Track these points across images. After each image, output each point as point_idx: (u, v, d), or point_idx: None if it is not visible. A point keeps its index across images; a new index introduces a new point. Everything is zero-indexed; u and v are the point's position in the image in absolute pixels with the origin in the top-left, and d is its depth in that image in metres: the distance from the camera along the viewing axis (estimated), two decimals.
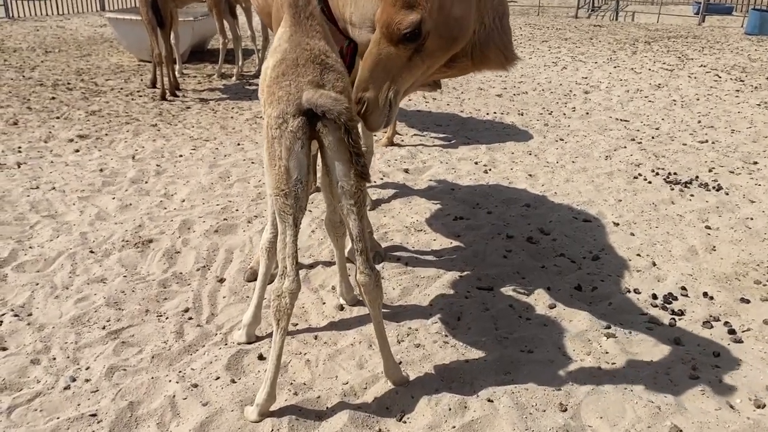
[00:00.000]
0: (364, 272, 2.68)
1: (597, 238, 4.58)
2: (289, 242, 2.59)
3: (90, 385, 2.92)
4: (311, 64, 2.57)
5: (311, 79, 2.54)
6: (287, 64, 2.58)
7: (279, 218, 2.59)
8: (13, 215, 4.65)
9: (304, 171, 2.54)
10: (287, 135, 2.49)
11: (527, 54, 12.16)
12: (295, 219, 2.57)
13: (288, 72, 2.56)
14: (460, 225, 4.74)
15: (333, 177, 2.60)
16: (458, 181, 5.70)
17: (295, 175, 2.53)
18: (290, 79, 2.54)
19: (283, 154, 2.51)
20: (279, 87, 2.54)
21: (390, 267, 4.05)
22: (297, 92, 2.50)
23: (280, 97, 2.52)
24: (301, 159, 2.52)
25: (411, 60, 2.56)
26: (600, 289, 3.88)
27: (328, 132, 2.52)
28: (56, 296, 3.64)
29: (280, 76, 2.57)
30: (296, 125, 2.48)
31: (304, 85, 2.52)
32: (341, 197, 2.61)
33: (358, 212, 2.63)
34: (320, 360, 3.14)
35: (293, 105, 2.49)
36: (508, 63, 2.85)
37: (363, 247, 2.66)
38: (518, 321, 3.54)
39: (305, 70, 2.55)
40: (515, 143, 6.84)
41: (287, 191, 2.54)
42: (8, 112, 7.41)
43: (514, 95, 9.04)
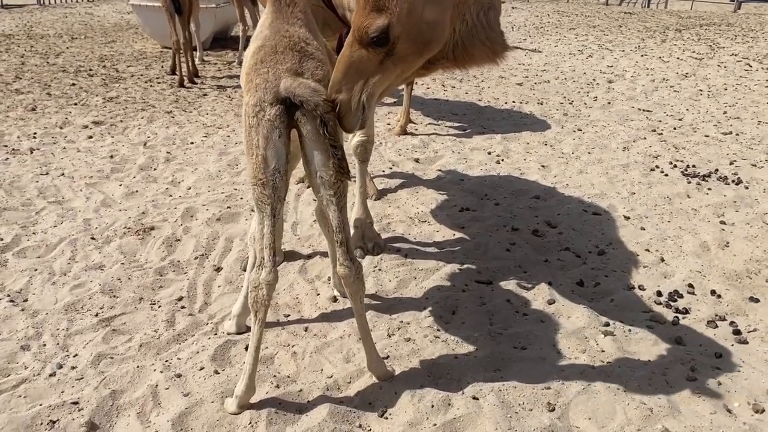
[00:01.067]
0: (344, 264, 2.62)
1: (605, 232, 4.45)
2: (267, 233, 2.54)
3: (75, 373, 2.92)
4: (290, 51, 2.51)
5: (290, 67, 2.48)
6: (266, 51, 2.53)
7: (257, 208, 2.55)
8: (21, 201, 4.69)
9: (282, 160, 2.49)
10: (264, 123, 2.44)
11: (553, 42, 11.93)
12: (273, 209, 2.53)
13: (266, 59, 2.51)
14: (466, 216, 4.66)
15: (312, 167, 2.54)
16: (469, 171, 5.60)
17: (273, 165, 2.48)
18: (268, 67, 2.48)
19: (260, 143, 2.46)
20: (257, 74, 2.49)
21: (389, 258, 3.99)
22: (275, 80, 2.45)
23: (258, 85, 2.47)
24: (278, 148, 2.47)
25: (383, 64, 2.46)
26: (603, 285, 3.77)
27: (307, 121, 2.46)
28: (53, 282, 3.66)
29: (258, 63, 2.52)
30: (273, 114, 2.43)
31: (283, 73, 2.46)
32: (320, 188, 2.56)
33: (338, 203, 2.57)
34: (307, 352, 3.10)
35: (271, 93, 2.44)
36: (497, 57, 2.74)
37: (343, 239, 2.61)
38: (514, 316, 3.46)
39: (284, 58, 2.50)
40: (531, 133, 6.71)
41: (265, 181, 2.49)
42: (28, 98, 7.51)
43: (536, 84, 8.88)
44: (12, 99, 7.46)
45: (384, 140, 6.36)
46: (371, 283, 3.71)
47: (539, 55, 10.78)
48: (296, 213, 4.65)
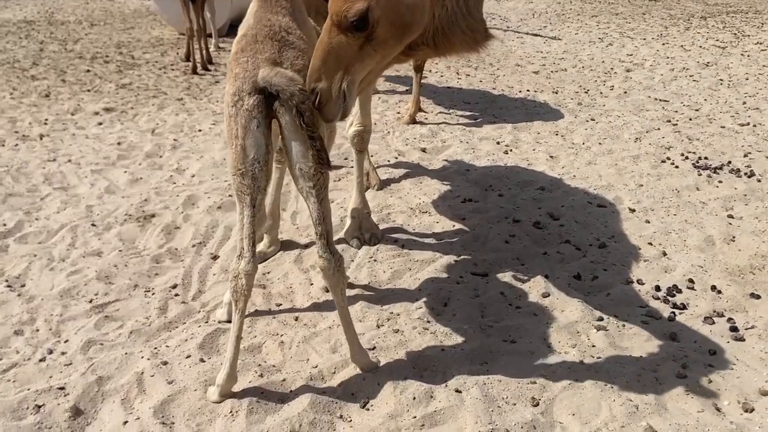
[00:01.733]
0: (323, 257, 2.61)
1: (608, 224, 4.38)
2: (247, 223, 2.54)
3: (65, 359, 2.96)
4: (269, 40, 2.49)
5: (269, 57, 2.47)
6: (247, 40, 2.52)
7: (237, 198, 2.55)
8: (27, 187, 4.76)
9: (261, 150, 2.48)
10: (243, 113, 2.44)
11: (573, 29, 11.74)
12: (253, 199, 2.52)
13: (246, 48, 2.50)
14: (467, 208, 4.61)
15: (291, 158, 2.53)
16: (475, 161, 5.55)
17: (252, 155, 2.47)
18: (248, 56, 2.48)
19: (239, 132, 2.46)
20: (237, 63, 2.48)
21: (385, 249, 3.97)
22: (254, 69, 2.44)
23: (237, 74, 2.46)
24: (258, 138, 2.46)
25: (363, 49, 2.42)
26: (601, 279, 3.72)
27: (285, 111, 2.45)
28: (51, 268, 3.71)
29: (239, 53, 2.51)
30: (252, 104, 2.42)
31: (262, 62, 2.45)
32: (299, 179, 2.55)
33: (318, 195, 2.55)
34: (295, 342, 3.10)
35: (249, 83, 2.43)
36: (477, 45, 2.69)
37: (323, 231, 2.60)
38: (507, 309, 3.42)
39: (263, 47, 2.48)
40: (543, 123, 6.62)
41: (244, 171, 2.48)
42: (43, 85, 7.60)
43: (552, 72, 8.75)
44: (27, 85, 7.56)
45: (392, 129, 6.33)
46: (365, 273, 3.70)
47: (558, 42, 10.63)
48: (297, 202, 4.65)
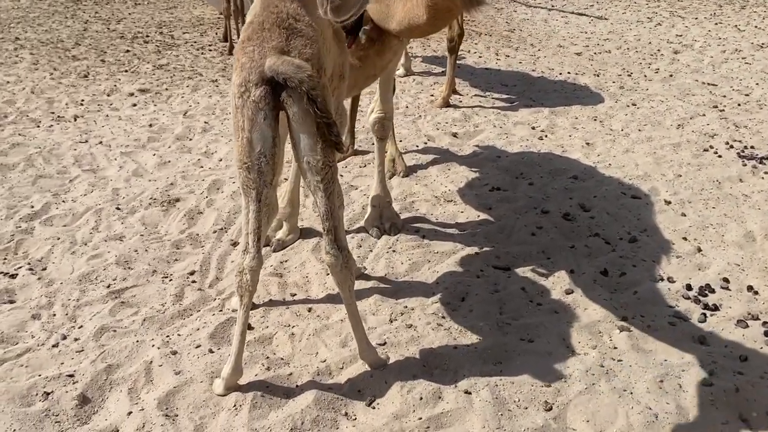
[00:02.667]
0: (331, 253, 2.54)
1: (641, 217, 4.20)
2: (252, 218, 2.49)
3: (77, 345, 2.98)
4: (277, 28, 2.41)
5: (275, 45, 2.38)
6: (253, 28, 2.45)
7: (242, 192, 2.49)
8: (57, 168, 4.82)
9: (268, 144, 2.41)
10: (249, 105, 2.36)
11: (621, 8, 11.32)
12: (259, 194, 2.46)
13: (253, 36, 2.42)
14: (495, 197, 4.48)
15: (299, 151, 2.46)
16: (508, 147, 5.39)
17: (258, 148, 2.40)
18: (254, 45, 2.40)
19: (245, 125, 2.39)
20: (243, 53, 2.41)
21: (405, 240, 3.88)
22: (260, 59, 2.36)
23: (243, 64, 2.39)
24: (264, 131, 2.39)
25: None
26: (629, 276, 3.56)
27: (293, 102, 2.37)
28: (73, 252, 3.74)
29: (245, 41, 2.44)
30: (258, 95, 2.35)
31: (268, 51, 2.37)
32: (307, 173, 2.48)
33: (326, 189, 2.48)
34: (306, 334, 3.05)
35: (256, 73, 2.35)
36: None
37: (330, 226, 2.53)
38: (527, 306, 3.31)
39: (270, 35, 2.40)
40: (582, 107, 6.39)
41: (250, 165, 2.42)
42: (83, 65, 7.69)
43: (595, 54, 8.45)
44: (68, 65, 7.66)
45: (424, 113, 6.20)
46: (383, 265, 3.62)
47: (604, 22, 10.25)
48: None
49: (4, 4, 11.69)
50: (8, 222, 4.02)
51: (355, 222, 4.10)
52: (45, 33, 9.39)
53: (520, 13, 11.10)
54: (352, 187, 4.60)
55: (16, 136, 5.34)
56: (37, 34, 9.32)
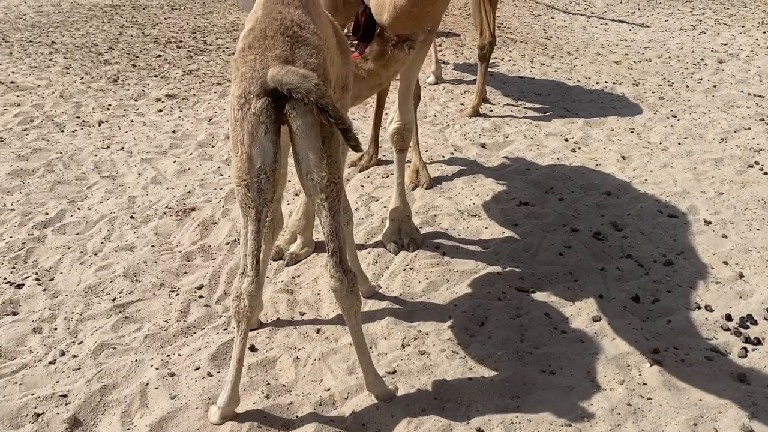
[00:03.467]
0: (335, 276, 2.37)
1: (678, 238, 3.93)
2: (251, 238, 2.33)
3: (74, 362, 2.86)
4: (281, 36, 2.25)
5: (279, 54, 2.22)
6: (254, 36, 2.29)
7: (241, 211, 2.34)
8: (76, 174, 4.75)
9: (269, 159, 2.25)
10: (249, 118, 2.21)
11: (664, 16, 10.95)
12: (258, 213, 2.30)
13: (254, 45, 2.26)
14: (522, 212, 4.26)
15: (302, 167, 2.29)
16: (538, 160, 5.16)
17: (258, 164, 2.25)
18: (256, 53, 2.24)
19: (245, 139, 2.23)
20: (244, 62, 2.25)
21: (424, 257, 3.69)
22: (262, 68, 2.21)
23: (244, 74, 2.23)
24: (265, 146, 2.23)
25: None
26: (662, 302, 3.31)
27: (297, 115, 2.21)
28: (82, 262, 3.65)
29: (245, 49, 2.28)
30: (260, 107, 2.19)
31: (271, 61, 2.21)
32: (311, 190, 2.31)
33: (330, 208, 2.31)
34: (311, 358, 2.89)
35: (257, 83, 2.20)
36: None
37: (335, 248, 2.36)
38: (550, 333, 3.09)
39: (273, 43, 2.24)
40: (618, 118, 6.12)
41: (249, 182, 2.26)
42: (113, 69, 7.69)
43: (635, 63, 8.14)
44: (99, 69, 7.67)
45: (452, 122, 6.00)
46: (398, 283, 3.44)
47: (645, 30, 9.91)
48: None
49: (46, 9, 11.87)
50: (21, 229, 3.96)
51: (373, 236, 3.93)
52: (81, 37, 9.47)
53: (558, 20, 10.82)
54: (373, 198, 4.43)
55: (39, 141, 5.31)
56: (73, 38, 9.40)
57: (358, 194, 4.47)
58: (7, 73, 7.37)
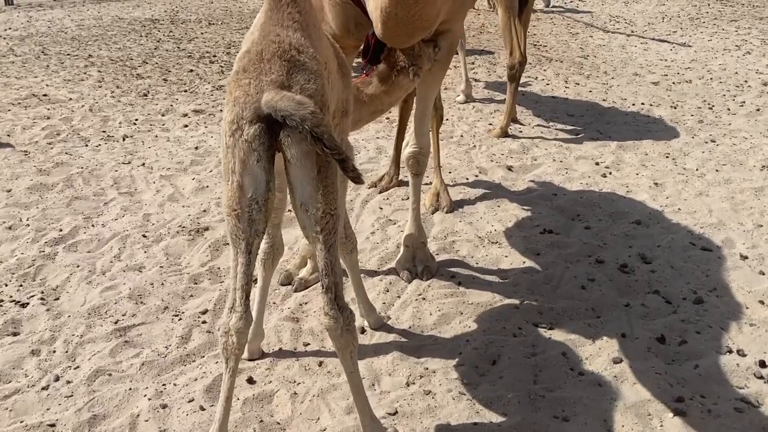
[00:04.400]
0: (329, 314, 2.23)
1: (711, 273, 3.70)
2: (240, 272, 2.20)
3: (67, 389, 2.78)
4: (278, 60, 2.13)
5: (275, 78, 2.11)
6: (250, 58, 2.18)
7: (231, 242, 2.22)
8: (95, 190, 4.73)
9: (261, 189, 2.13)
10: (241, 145, 2.10)
11: (707, 35, 10.62)
12: (249, 245, 2.18)
13: (249, 68, 2.15)
14: (545, 240, 4.07)
15: (297, 198, 2.17)
16: (566, 184, 4.96)
17: (250, 194, 2.13)
18: (251, 77, 2.13)
19: (236, 167, 2.12)
20: (237, 85, 2.15)
21: (437, 286, 3.54)
22: (256, 93, 2.09)
23: (237, 98, 2.12)
24: (257, 174, 2.12)
25: None
26: (690, 344, 3.09)
27: (292, 143, 2.09)
28: (89, 282, 3.59)
29: (240, 72, 2.17)
30: (252, 134, 2.08)
31: (266, 86, 2.10)
32: (305, 222, 2.18)
33: (325, 241, 2.18)
34: (310, 394, 2.75)
35: (250, 109, 2.08)
36: None
37: (330, 284, 2.22)
38: (566, 375, 2.89)
39: (270, 67, 2.13)
40: (653, 142, 5.87)
41: (239, 212, 2.15)
42: (144, 84, 7.73)
43: (674, 84, 7.86)
44: (130, 83, 7.72)
45: (479, 142, 5.84)
46: (408, 315, 3.29)
47: (687, 50, 9.61)
48: (357, 222, 4.30)
49: (88, 23, 12.11)
50: (33, 246, 3.93)
51: (387, 262, 3.79)
52: (117, 51, 9.59)
53: (597, 39, 10.59)
54: (390, 221, 4.29)
55: (62, 155, 5.33)
56: (109, 51, 9.52)
57: (375, 217, 4.34)
58: (42, 86, 7.48)
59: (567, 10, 13.52)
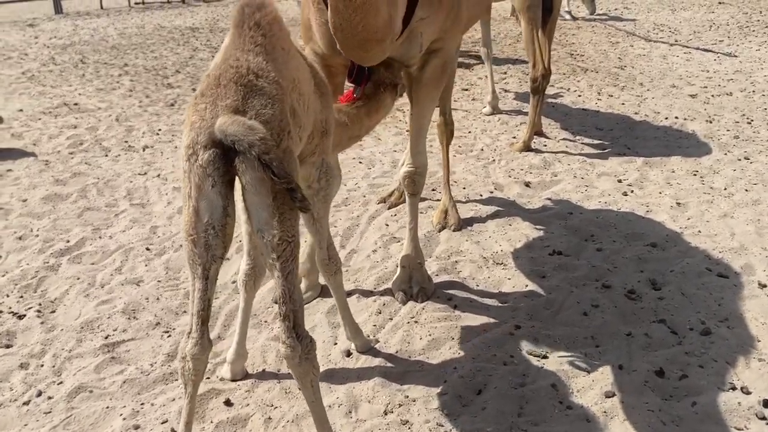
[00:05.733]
0: (286, 342, 2.18)
1: (724, 302, 3.50)
2: (197, 297, 2.17)
3: (47, 405, 2.80)
4: (234, 84, 2.09)
5: (229, 104, 2.07)
6: (208, 83, 2.15)
7: (188, 266, 2.19)
8: (107, 201, 4.80)
9: (217, 214, 2.10)
10: (196, 170, 2.07)
11: (755, 44, 10.21)
12: (205, 270, 2.15)
13: (207, 92, 2.12)
14: (553, 262, 3.94)
15: (253, 224, 2.13)
16: (583, 202, 4.80)
17: (206, 219, 2.10)
18: (207, 102, 2.10)
19: (192, 192, 2.09)
20: (194, 110, 2.12)
21: (432, 309, 3.44)
22: (212, 118, 2.06)
23: (193, 123, 2.09)
24: (213, 200, 2.08)
25: None
26: (691, 379, 2.92)
27: (246, 169, 2.05)
28: (87, 294, 3.63)
29: (198, 97, 2.14)
30: (206, 159, 2.05)
31: (221, 110, 2.06)
32: (262, 249, 2.14)
33: (283, 268, 2.13)
34: (285, 419, 2.70)
35: (205, 133, 2.05)
36: None
37: (287, 312, 2.17)
38: (553, 408, 2.77)
39: (225, 92, 2.09)
40: (683, 159, 5.65)
41: (195, 237, 2.12)
42: (173, 93, 7.85)
43: (713, 96, 7.56)
44: (160, 93, 7.86)
45: (499, 157, 5.71)
46: (398, 338, 3.21)
47: (731, 60, 9.24)
48: (360, 239, 4.24)
49: (130, 31, 12.41)
50: (39, 257, 3.99)
51: (385, 281, 3.72)
52: (153, 60, 9.78)
53: (637, 48, 10.30)
54: (395, 239, 4.22)
55: (81, 165, 5.43)
56: (145, 60, 9.72)
57: (380, 234, 4.27)
58: (75, 95, 7.67)
59: (610, 18, 13.22)
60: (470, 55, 9.80)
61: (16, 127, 6.36)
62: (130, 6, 16.05)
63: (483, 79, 8.21)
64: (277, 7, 2.39)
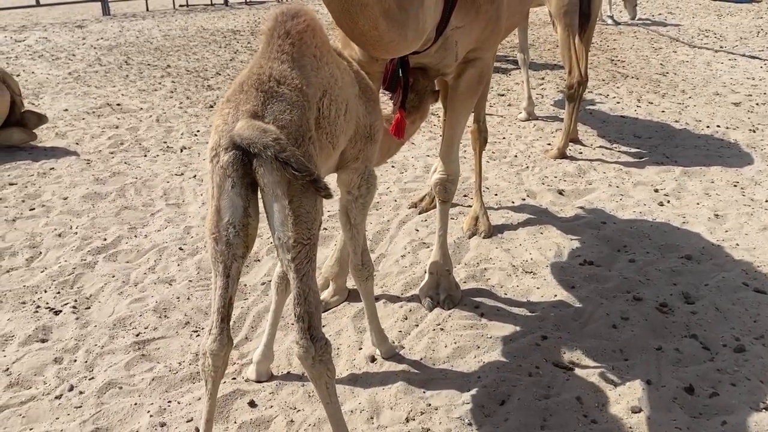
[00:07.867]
0: (300, 343, 2.21)
1: (761, 319, 3.41)
2: (218, 295, 2.22)
3: (78, 400, 2.87)
4: (254, 90, 2.16)
5: (249, 108, 2.13)
6: (233, 89, 2.22)
7: (211, 264, 2.25)
8: (144, 200, 4.90)
9: (238, 214, 2.16)
10: (218, 171, 2.14)
11: None
12: (227, 268, 2.20)
13: (231, 98, 2.20)
14: (583, 273, 3.89)
15: (271, 225, 2.18)
16: (618, 212, 4.73)
17: (227, 218, 2.16)
18: (230, 107, 2.17)
19: (214, 192, 2.17)
20: (219, 114, 2.20)
21: (458, 316, 3.43)
22: (233, 122, 2.13)
23: (217, 126, 2.18)
24: (233, 200, 2.15)
25: None
26: (722, 398, 2.86)
27: (264, 172, 2.10)
28: (121, 292, 3.71)
29: (224, 102, 2.22)
30: (227, 161, 2.11)
31: (242, 115, 2.12)
32: (278, 249, 2.18)
33: (298, 269, 2.16)
34: (307, 422, 2.72)
35: (226, 137, 2.12)
36: None
37: (302, 313, 2.19)
38: (578, 422, 2.73)
39: (246, 97, 2.16)
40: (723, 169, 5.52)
41: (217, 235, 2.18)
42: (213, 95, 7.98)
43: (758, 105, 7.38)
44: (200, 94, 7.99)
45: (533, 163, 5.66)
46: (423, 345, 3.21)
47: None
48: (390, 244, 4.25)
49: (174, 32, 12.65)
50: (77, 254, 4.10)
51: (412, 287, 3.72)
52: (195, 61, 9.95)
53: (681, 54, 10.11)
54: (424, 244, 4.22)
55: (121, 165, 5.56)
56: (187, 62, 9.90)
57: (409, 239, 4.28)
58: (118, 95, 7.85)
59: (653, 23, 13.00)
60: (507, 59, 9.74)
61: (60, 126, 6.55)
62: (175, 8, 16.37)
63: (519, 85, 8.15)
64: (314, 16, 2.40)
